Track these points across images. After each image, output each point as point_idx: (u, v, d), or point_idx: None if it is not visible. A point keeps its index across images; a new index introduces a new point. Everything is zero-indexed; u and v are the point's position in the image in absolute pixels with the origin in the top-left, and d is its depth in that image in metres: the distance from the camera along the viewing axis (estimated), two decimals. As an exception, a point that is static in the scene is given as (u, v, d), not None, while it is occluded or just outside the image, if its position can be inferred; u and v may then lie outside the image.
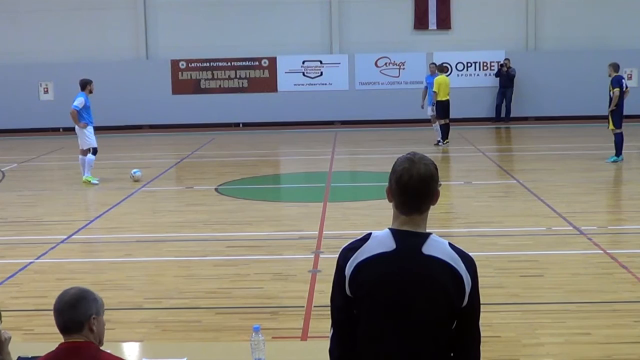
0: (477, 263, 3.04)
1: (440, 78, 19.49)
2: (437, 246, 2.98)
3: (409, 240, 2.98)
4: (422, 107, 20.64)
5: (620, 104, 15.94)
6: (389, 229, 3.04)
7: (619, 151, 16.12)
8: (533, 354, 6.13)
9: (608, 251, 9.04)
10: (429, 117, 20.45)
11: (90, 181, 14.93)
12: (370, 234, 3.06)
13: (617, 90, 15.83)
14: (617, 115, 16.01)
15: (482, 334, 3.07)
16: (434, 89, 19.40)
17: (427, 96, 20.29)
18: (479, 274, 3.03)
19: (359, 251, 3.01)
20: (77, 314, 3.27)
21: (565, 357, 6.03)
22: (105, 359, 3.27)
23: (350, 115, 25.65)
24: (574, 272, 8.33)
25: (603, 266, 8.49)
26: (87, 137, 14.92)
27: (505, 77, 25.08)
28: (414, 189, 2.98)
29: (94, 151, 15.01)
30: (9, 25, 25.93)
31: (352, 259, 3.00)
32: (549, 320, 6.88)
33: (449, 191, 13.65)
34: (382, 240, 3.00)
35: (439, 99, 19.42)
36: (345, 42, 26.01)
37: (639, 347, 6.24)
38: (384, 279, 2.96)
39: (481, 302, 3.04)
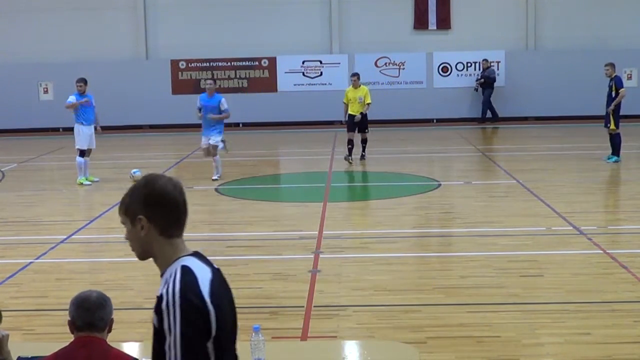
0: (477, 263, 3.04)
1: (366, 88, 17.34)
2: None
3: (204, 258, 2.86)
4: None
5: (619, 104, 15.99)
6: (187, 255, 2.80)
7: (618, 151, 16.14)
8: (533, 354, 6.12)
9: (608, 251, 9.03)
10: (218, 148, 14.93)
11: (82, 183, 14.90)
12: (184, 267, 2.75)
13: (623, 90, 15.87)
14: (617, 115, 16.05)
15: (482, 333, 3.07)
16: (368, 101, 16.98)
17: (203, 119, 15.18)
18: (479, 274, 3.04)
19: (200, 287, 2.71)
20: (105, 313, 3.53)
21: (565, 357, 6.03)
22: (116, 353, 3.49)
23: (350, 115, 25.61)
24: (573, 272, 8.33)
25: (603, 266, 8.48)
26: (80, 136, 14.82)
27: (487, 77, 24.94)
28: (185, 201, 2.79)
29: (82, 153, 14.90)
30: (9, 25, 25.91)
31: (204, 296, 2.70)
32: (549, 320, 6.87)
33: (449, 191, 13.64)
34: (201, 267, 2.79)
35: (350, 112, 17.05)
36: (345, 42, 26.01)
37: (639, 347, 6.24)
38: (227, 298, 2.92)
39: (482, 302, 3.04)
